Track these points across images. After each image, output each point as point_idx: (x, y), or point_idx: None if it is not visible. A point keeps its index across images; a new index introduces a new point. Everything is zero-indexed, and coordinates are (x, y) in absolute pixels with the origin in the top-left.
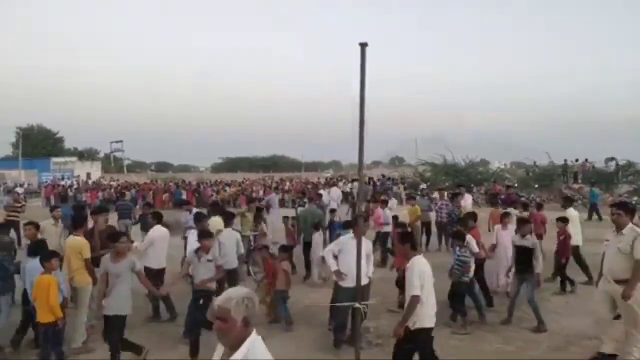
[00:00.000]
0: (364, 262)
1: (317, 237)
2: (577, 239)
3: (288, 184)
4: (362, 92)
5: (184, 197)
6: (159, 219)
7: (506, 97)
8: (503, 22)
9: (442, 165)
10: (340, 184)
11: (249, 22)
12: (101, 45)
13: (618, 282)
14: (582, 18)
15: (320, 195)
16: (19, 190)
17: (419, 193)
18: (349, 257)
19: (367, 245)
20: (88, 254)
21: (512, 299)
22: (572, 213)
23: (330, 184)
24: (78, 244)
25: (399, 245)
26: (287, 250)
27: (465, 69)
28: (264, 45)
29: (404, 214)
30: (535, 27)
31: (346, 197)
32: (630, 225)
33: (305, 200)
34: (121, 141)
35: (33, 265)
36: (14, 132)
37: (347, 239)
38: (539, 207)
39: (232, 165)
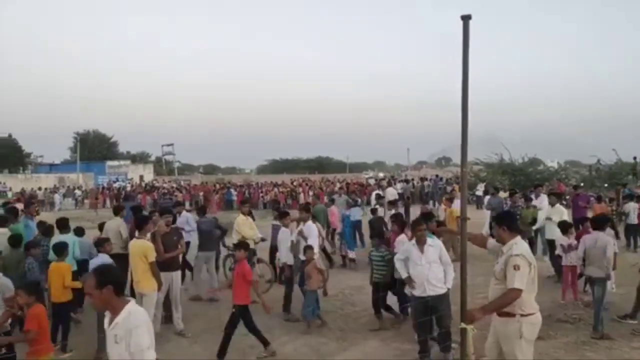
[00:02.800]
0: (433, 268)
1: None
2: None
3: (338, 185)
4: (465, 69)
5: (235, 198)
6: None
7: (554, 94)
8: (547, 20)
9: (498, 164)
10: (400, 184)
11: (294, 29)
12: (153, 54)
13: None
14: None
15: (379, 195)
16: (77, 192)
17: (492, 192)
18: (416, 265)
19: (438, 249)
20: (153, 257)
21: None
22: None
23: (382, 184)
24: (142, 246)
25: None
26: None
27: (510, 66)
28: (308, 50)
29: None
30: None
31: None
32: (511, 241)
33: (358, 200)
34: (172, 144)
35: (99, 259)
36: (72, 137)
37: (410, 245)
38: None
39: (277, 166)
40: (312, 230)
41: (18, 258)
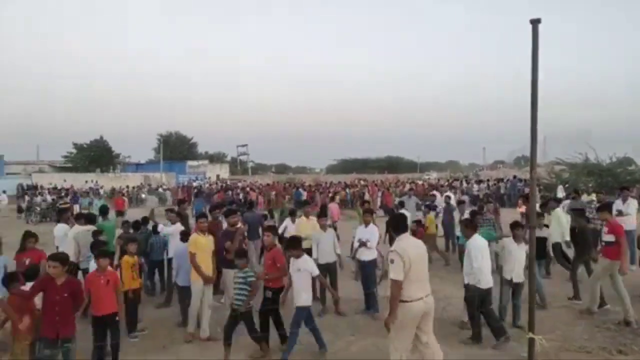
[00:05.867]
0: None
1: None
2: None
3: (407, 185)
4: (535, 72)
5: (304, 197)
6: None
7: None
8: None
9: (582, 163)
10: (465, 185)
11: (368, 32)
12: (228, 60)
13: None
14: None
15: (449, 197)
16: (161, 190)
17: (573, 196)
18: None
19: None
20: (192, 250)
21: None
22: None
23: (455, 185)
24: (189, 241)
25: None
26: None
27: (594, 62)
28: (379, 52)
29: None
30: None
31: (474, 199)
32: (397, 239)
33: (428, 202)
34: (246, 145)
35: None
36: (156, 138)
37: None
38: None
39: (347, 166)
40: (374, 233)
41: (145, 237)
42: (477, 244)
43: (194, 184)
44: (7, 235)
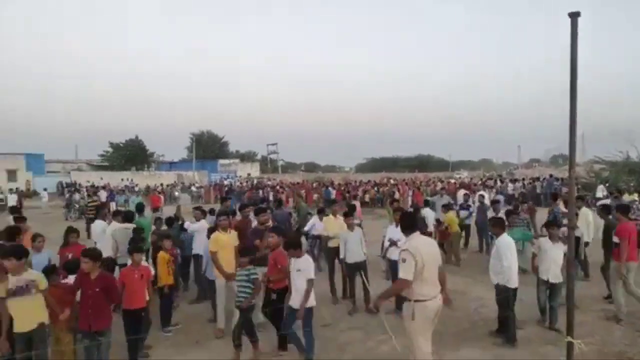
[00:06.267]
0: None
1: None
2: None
3: (439, 184)
4: (574, 67)
5: (333, 196)
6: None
7: None
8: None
9: (623, 162)
10: (499, 184)
11: (401, 30)
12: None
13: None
14: None
15: (483, 197)
16: (194, 188)
17: (615, 195)
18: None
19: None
20: (212, 249)
21: None
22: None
23: (488, 184)
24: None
25: None
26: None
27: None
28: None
29: None
30: None
31: (509, 199)
32: (408, 237)
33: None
34: (276, 144)
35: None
36: (188, 137)
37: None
38: None
39: (376, 165)
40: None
41: (177, 234)
42: (506, 242)
43: (225, 182)
44: (49, 231)
